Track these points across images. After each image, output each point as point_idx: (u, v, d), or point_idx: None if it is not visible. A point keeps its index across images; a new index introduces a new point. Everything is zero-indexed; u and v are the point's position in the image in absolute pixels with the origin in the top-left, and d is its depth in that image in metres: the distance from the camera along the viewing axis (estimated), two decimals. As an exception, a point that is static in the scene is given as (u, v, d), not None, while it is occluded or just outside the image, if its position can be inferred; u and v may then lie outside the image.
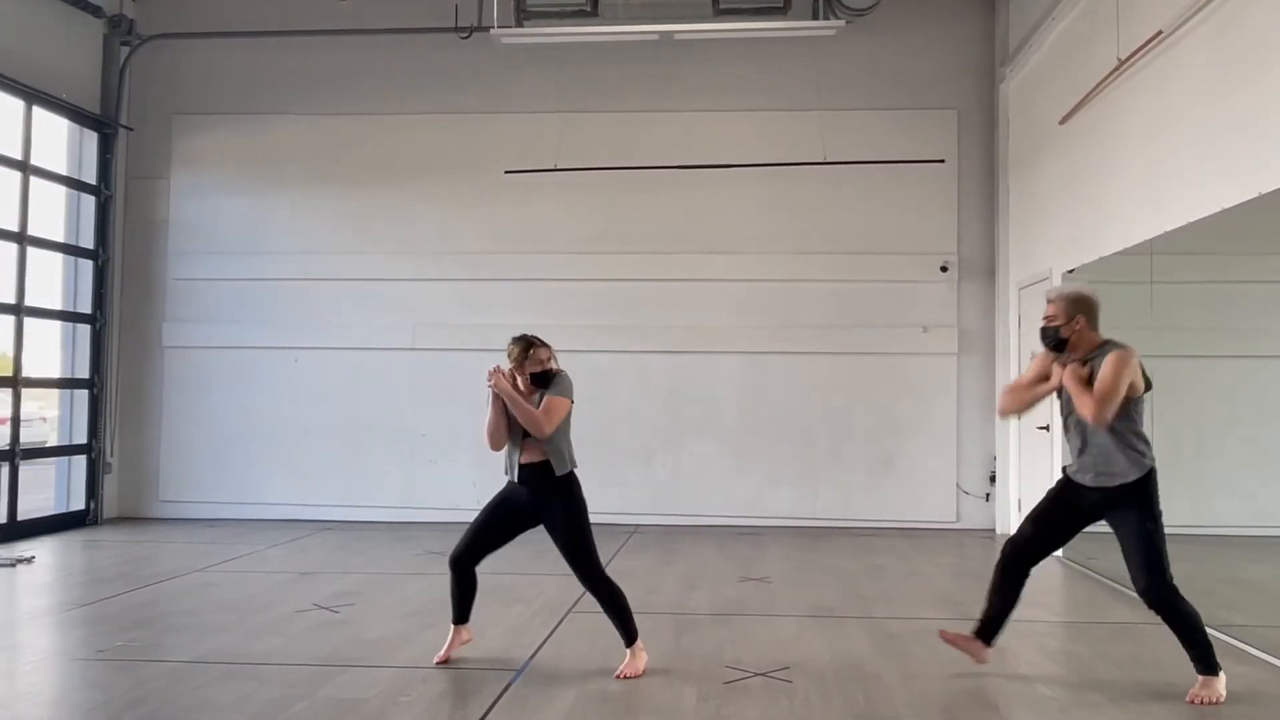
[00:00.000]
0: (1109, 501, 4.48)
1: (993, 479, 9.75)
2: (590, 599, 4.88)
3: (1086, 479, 4.52)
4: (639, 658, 4.72)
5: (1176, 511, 6.64)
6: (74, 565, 7.84)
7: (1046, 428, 8.49)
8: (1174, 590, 4.43)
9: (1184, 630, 4.44)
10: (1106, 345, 4.45)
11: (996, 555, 8.47)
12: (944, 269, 9.84)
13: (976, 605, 6.34)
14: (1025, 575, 4.77)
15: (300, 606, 6.16)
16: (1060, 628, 5.83)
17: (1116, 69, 6.88)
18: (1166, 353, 6.77)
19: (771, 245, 9.95)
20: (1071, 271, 8.01)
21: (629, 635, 4.73)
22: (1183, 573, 6.58)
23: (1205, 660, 4.44)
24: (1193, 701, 4.38)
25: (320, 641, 5.33)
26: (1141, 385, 4.40)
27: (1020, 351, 9.30)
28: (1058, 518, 4.70)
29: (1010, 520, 9.49)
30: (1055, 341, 4.52)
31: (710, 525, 9.67)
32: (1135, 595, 6.19)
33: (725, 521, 9.72)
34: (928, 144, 9.81)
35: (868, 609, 6.23)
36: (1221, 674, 4.44)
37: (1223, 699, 4.38)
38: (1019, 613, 6.24)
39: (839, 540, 8.96)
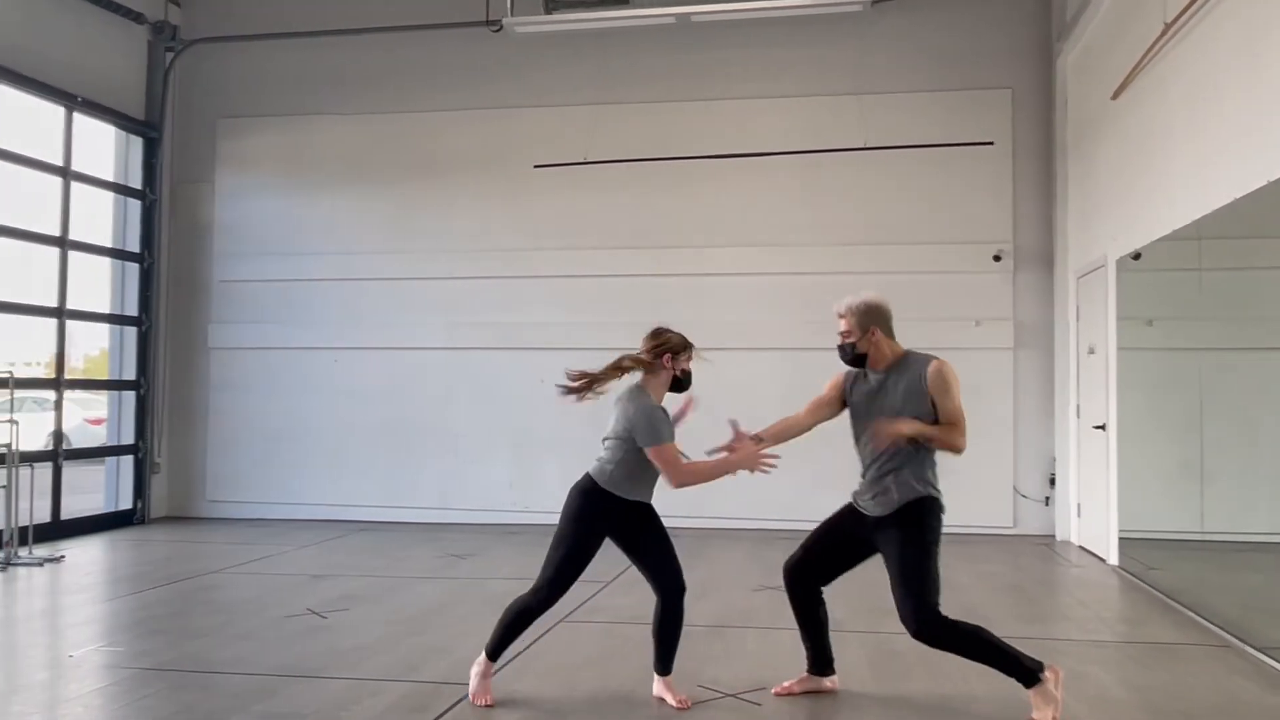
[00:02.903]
0: (880, 526, 4.19)
1: (1052, 482, 9.13)
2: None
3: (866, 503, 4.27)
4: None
5: (1253, 518, 6.05)
6: (99, 565, 7.93)
7: (1103, 426, 7.88)
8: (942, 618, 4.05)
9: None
10: (909, 357, 4.20)
11: (1052, 563, 7.99)
12: (997, 258, 9.26)
13: (1002, 620, 5.89)
14: (816, 595, 4.44)
15: (293, 611, 6.05)
16: (1087, 647, 5.30)
17: (1163, 34, 6.28)
18: (1231, 345, 6.16)
19: (812, 237, 9.51)
20: (1137, 256, 7.37)
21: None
22: (1251, 585, 5.98)
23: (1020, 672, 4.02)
24: None
25: (292, 649, 5.18)
26: None
27: (1079, 345, 8.68)
28: (837, 541, 4.41)
29: (1070, 526, 8.87)
30: (853, 357, 4.28)
31: (748, 529, 9.30)
32: (1189, 612, 5.66)
33: (764, 525, 9.33)
34: (978, 126, 9.23)
35: (878, 623, 5.77)
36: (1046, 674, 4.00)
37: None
38: (1044, 629, 5.77)
39: (881, 546, 8.47)
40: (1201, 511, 6.17)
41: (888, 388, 4.19)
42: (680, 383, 4.46)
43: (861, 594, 6.55)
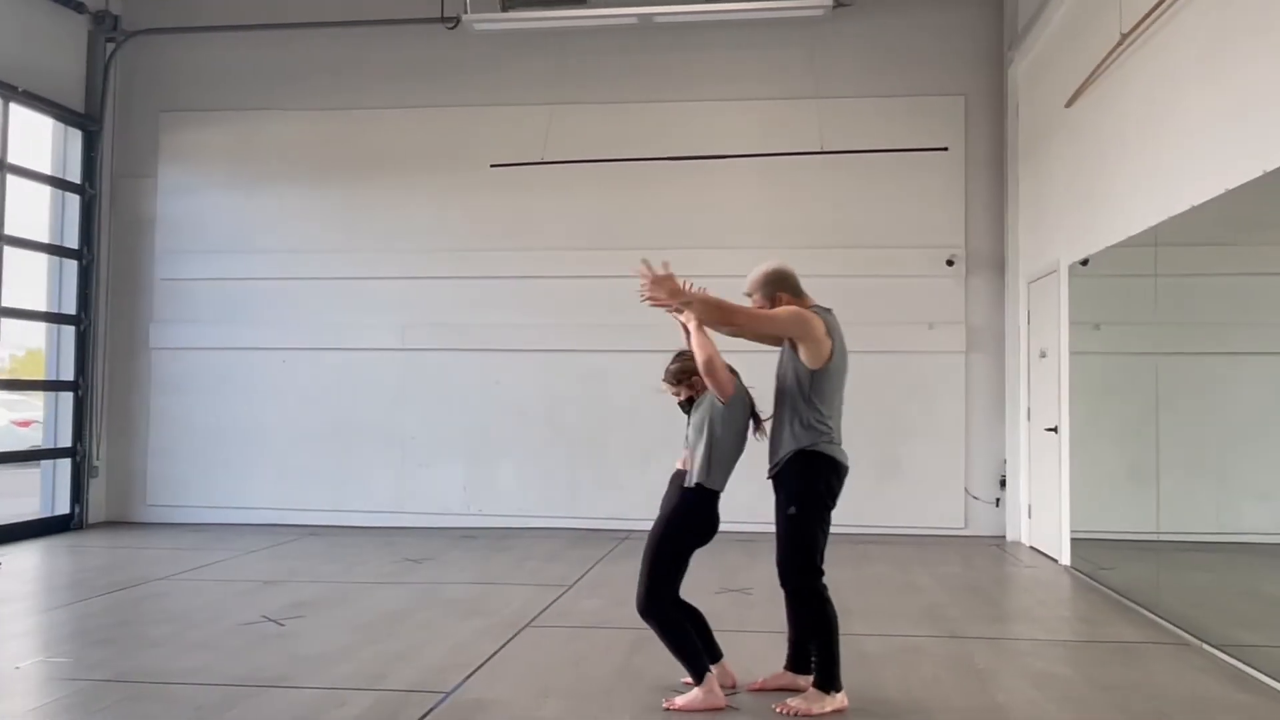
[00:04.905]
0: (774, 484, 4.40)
1: (1003, 483, 9.26)
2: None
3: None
4: (703, 695, 4.22)
5: (1201, 518, 6.18)
6: (39, 572, 7.64)
7: (1055, 429, 8.01)
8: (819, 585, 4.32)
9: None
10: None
11: (1005, 564, 8.10)
12: (950, 263, 9.37)
13: (965, 621, 5.96)
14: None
15: (248, 618, 5.87)
16: (1051, 647, 5.37)
17: (1120, 44, 6.40)
18: (1183, 349, 6.28)
19: (770, 239, 9.51)
20: (1085, 263, 7.51)
21: (693, 672, 4.27)
22: (1201, 584, 6.12)
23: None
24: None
25: (251, 658, 5.02)
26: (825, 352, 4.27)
27: (1030, 348, 8.82)
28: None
29: (1020, 526, 9.01)
30: None
31: (705, 531, 9.26)
32: (1144, 611, 5.74)
33: (723, 528, 9.29)
34: (932, 132, 9.34)
35: (848, 625, 5.71)
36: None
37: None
38: (1007, 629, 5.85)
39: (839, 549, 8.34)
40: (1156, 512, 6.30)
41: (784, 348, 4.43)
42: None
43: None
